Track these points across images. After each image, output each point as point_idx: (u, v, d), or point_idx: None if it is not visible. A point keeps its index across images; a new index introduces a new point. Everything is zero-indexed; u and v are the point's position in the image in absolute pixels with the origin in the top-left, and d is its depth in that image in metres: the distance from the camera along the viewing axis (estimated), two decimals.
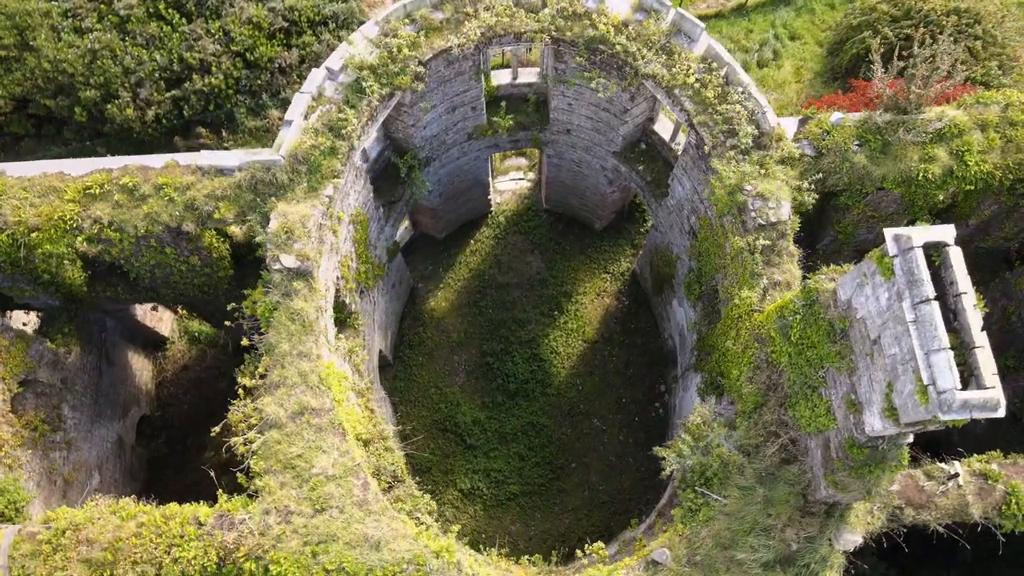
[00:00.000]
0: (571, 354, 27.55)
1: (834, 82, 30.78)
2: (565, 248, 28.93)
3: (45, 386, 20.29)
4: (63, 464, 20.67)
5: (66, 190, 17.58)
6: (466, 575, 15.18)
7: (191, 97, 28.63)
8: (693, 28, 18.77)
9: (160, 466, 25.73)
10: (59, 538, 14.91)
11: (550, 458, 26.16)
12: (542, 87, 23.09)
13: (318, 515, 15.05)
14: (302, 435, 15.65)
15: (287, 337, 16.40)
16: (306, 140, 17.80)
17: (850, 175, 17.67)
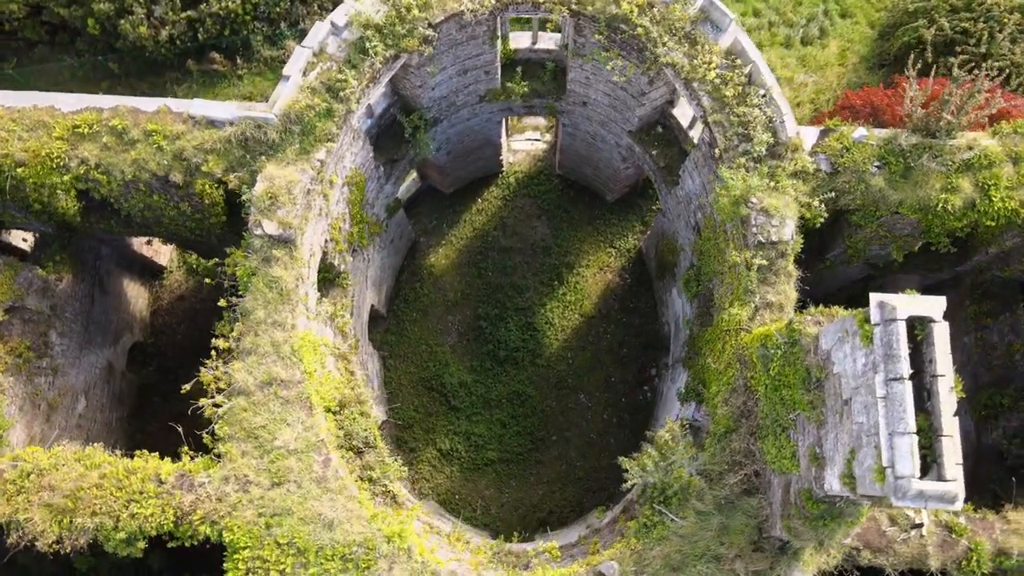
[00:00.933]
0: (566, 327, 27.22)
1: (880, 69, 29.02)
2: (573, 217, 28.19)
3: (33, 313, 20.44)
4: (48, 389, 21.05)
5: (55, 126, 17.20)
6: (415, 562, 15.35)
7: (207, 20, 27.73)
8: (722, 17, 17.52)
9: (149, 392, 26.20)
10: (24, 480, 15.26)
11: (531, 428, 26.22)
12: (561, 55, 21.94)
13: (275, 488, 15.19)
14: (268, 406, 15.65)
15: (263, 304, 16.21)
16: (302, 99, 17.12)
17: (864, 197, 16.71)
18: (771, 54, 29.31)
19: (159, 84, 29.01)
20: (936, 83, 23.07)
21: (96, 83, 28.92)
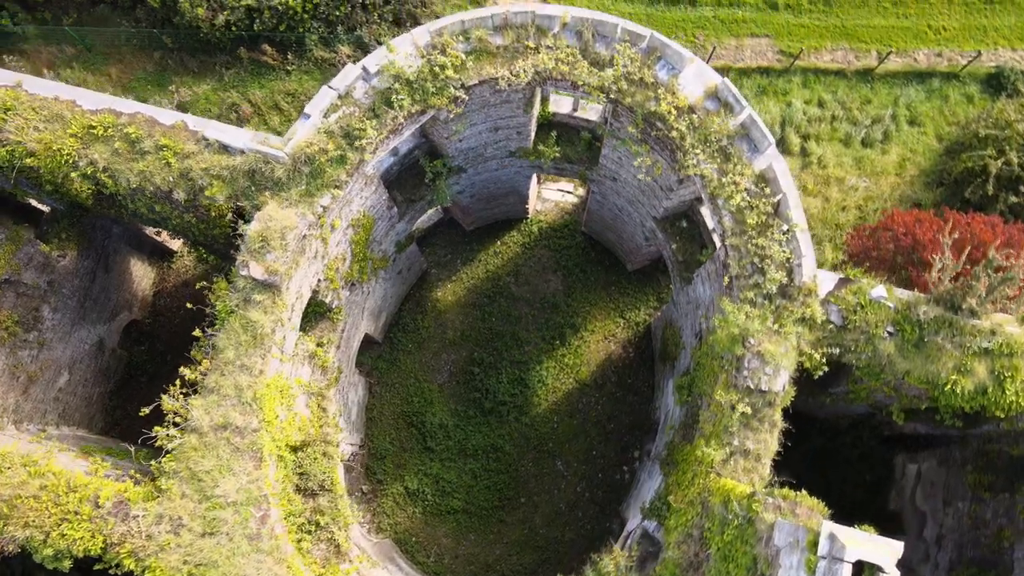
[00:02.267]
0: (558, 389, 26.61)
1: (937, 187, 27.61)
2: (590, 278, 27.48)
3: (28, 288, 20.57)
4: (30, 362, 21.20)
5: (72, 123, 17.11)
6: None
7: (265, 11, 27.55)
8: (761, 139, 16.61)
9: (138, 371, 26.34)
10: None
11: (502, 485, 25.73)
12: (599, 128, 21.21)
13: (206, 537, 14.97)
14: (218, 450, 15.42)
15: (235, 345, 15.95)
16: (317, 141, 16.74)
17: (871, 360, 15.75)
18: (827, 149, 28.11)
19: (209, 65, 28.99)
20: (979, 221, 21.88)
21: (149, 53, 29.03)
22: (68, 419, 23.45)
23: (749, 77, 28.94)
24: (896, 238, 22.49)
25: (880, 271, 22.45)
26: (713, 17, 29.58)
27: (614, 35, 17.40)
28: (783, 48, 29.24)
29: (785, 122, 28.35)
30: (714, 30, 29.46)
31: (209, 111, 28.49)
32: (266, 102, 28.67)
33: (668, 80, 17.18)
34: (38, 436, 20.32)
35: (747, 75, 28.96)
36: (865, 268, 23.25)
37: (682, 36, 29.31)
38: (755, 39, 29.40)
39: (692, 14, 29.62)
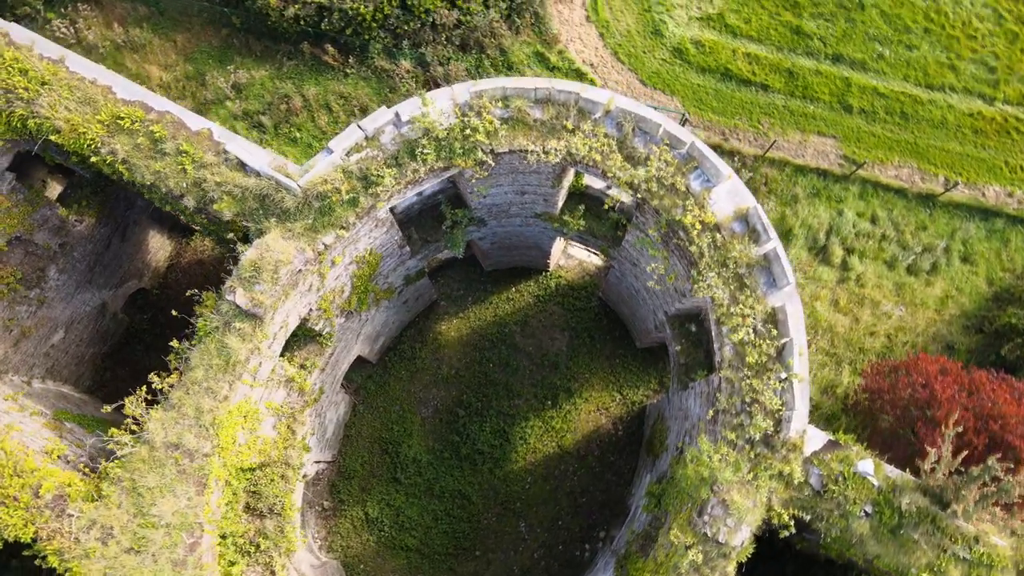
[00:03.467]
0: (539, 450, 26.07)
1: (976, 333, 26.24)
2: (596, 346, 26.84)
3: (39, 248, 20.83)
4: (27, 318, 21.48)
5: (102, 109, 17.17)
6: None
7: (335, 12, 27.47)
8: (782, 275, 15.82)
9: (135, 338, 26.60)
10: None
11: (460, 534, 25.33)
12: (626, 216, 20.57)
13: (132, 553, 14.88)
14: (164, 469, 15.31)
15: (205, 367, 15.82)
16: (333, 180, 16.50)
17: (842, 535, 14.88)
18: (870, 268, 26.95)
19: (272, 51, 29.08)
20: (1005, 390, 20.66)
21: (217, 28, 29.24)
22: (56, 375, 23.76)
23: (805, 176, 27.89)
24: (914, 386, 21.40)
25: (889, 413, 21.43)
26: (783, 106, 28.58)
27: (655, 134, 16.77)
28: (848, 153, 28.10)
29: (832, 231, 27.26)
30: (780, 119, 28.45)
31: (262, 97, 28.59)
32: (318, 99, 28.64)
33: (700, 192, 16.50)
34: (18, 393, 20.59)
35: (804, 173, 27.91)
36: (876, 406, 22.22)
37: (746, 119, 28.39)
38: (821, 138, 28.32)
39: (762, 98, 28.65)
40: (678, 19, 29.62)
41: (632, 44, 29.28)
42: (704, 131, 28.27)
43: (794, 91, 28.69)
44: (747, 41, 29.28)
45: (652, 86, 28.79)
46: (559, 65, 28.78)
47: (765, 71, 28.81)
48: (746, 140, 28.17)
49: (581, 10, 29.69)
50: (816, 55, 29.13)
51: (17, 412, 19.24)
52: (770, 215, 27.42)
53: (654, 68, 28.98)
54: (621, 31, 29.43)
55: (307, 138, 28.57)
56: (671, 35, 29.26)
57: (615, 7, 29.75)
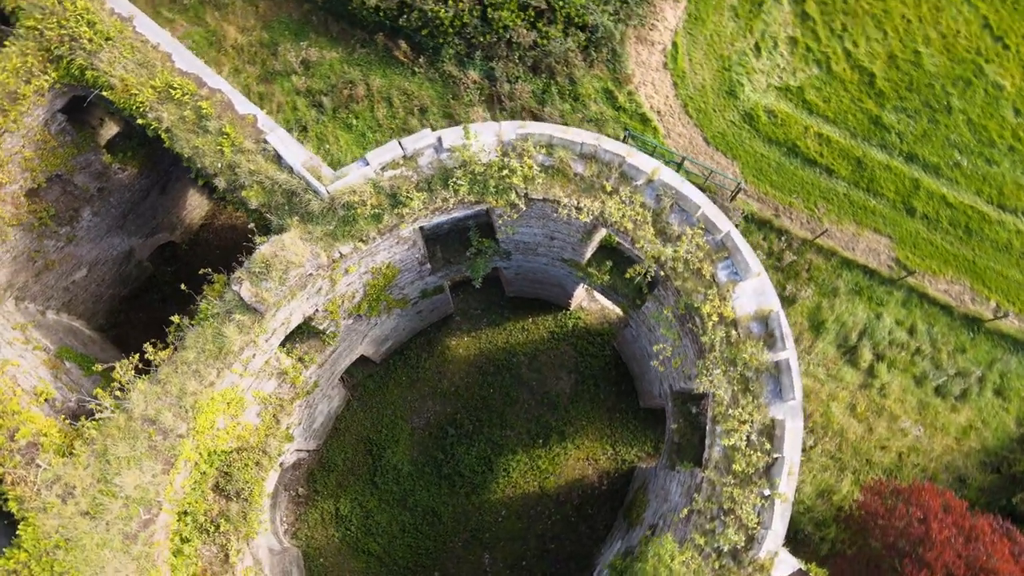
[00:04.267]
0: (519, 486, 25.76)
1: (991, 473, 25.06)
2: (600, 395, 26.38)
3: (77, 188, 21.22)
4: (53, 252, 21.91)
5: (158, 76, 17.35)
6: None
7: (415, 11, 27.43)
8: (790, 388, 15.23)
9: (155, 287, 27.02)
10: None
11: (423, 552, 25.19)
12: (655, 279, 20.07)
13: (86, 517, 15.02)
14: (136, 442, 15.42)
15: (198, 351, 15.88)
16: (361, 192, 16.39)
17: None
18: (896, 380, 25.92)
19: (347, 35, 29.18)
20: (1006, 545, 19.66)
21: (299, 2, 29.46)
22: (71, 309, 24.27)
23: (851, 270, 26.94)
24: (911, 519, 20.50)
25: (879, 541, 20.59)
26: (844, 194, 27.64)
27: (693, 214, 16.28)
28: (900, 256, 27.05)
29: (866, 333, 26.30)
30: (838, 207, 27.52)
31: (328, 78, 28.70)
32: (381, 91, 28.67)
33: (725, 283, 15.96)
34: (28, 323, 21.04)
35: (850, 267, 26.96)
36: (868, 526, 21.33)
37: (803, 200, 27.54)
38: (876, 235, 27.32)
39: (824, 182, 27.75)
40: (756, 84, 28.85)
41: (704, 100, 28.62)
42: (757, 203, 27.50)
43: (859, 181, 27.72)
44: (822, 120, 28.38)
45: (715, 146, 28.11)
46: (625, 106, 28.28)
47: (833, 155, 27.89)
48: (798, 221, 27.31)
49: (660, 56, 29.12)
50: (890, 149, 28.09)
51: (21, 344, 19.67)
52: (806, 303, 26.60)
53: (721, 128, 28.28)
54: (696, 84, 28.78)
55: (363, 127, 28.62)
56: (745, 99, 28.52)
57: (695, 59, 29.11)
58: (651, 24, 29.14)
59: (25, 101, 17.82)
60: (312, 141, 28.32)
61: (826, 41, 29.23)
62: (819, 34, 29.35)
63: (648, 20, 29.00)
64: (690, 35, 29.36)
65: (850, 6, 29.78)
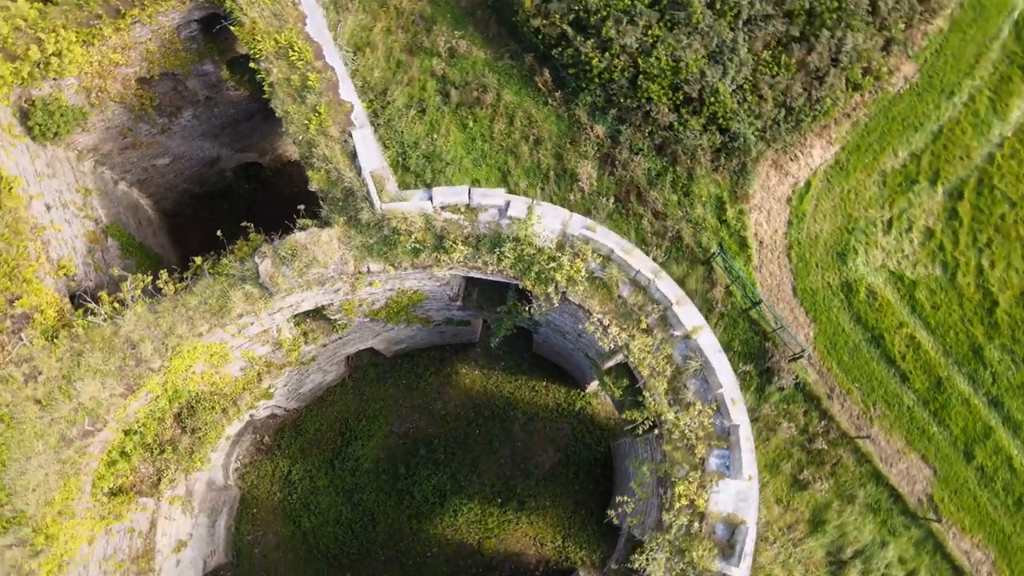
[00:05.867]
0: (460, 533, 25.41)
1: None
2: (575, 486, 25.66)
3: (187, 90, 21.92)
4: (144, 135, 22.76)
5: (284, 31, 17.65)
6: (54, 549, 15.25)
7: (571, 48, 26.88)
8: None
9: (226, 196, 27.81)
10: None
11: (345, 550, 25.29)
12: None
13: (35, 405, 15.44)
14: (110, 357, 15.80)
15: (200, 301, 16.14)
16: (412, 223, 16.20)
17: None
18: None
19: (501, 42, 28.83)
20: None
21: None
22: (143, 187, 25.26)
23: (878, 485, 25.03)
24: None
25: None
26: (908, 407, 25.66)
27: (713, 390, 15.37)
28: (936, 496, 24.98)
29: (863, 554, 24.45)
30: (895, 417, 25.59)
31: (466, 73, 28.53)
32: (508, 107, 28.32)
33: (712, 472, 15.04)
34: (93, 192, 21.93)
35: (878, 482, 25.06)
36: None
37: (862, 393, 25.73)
38: (921, 462, 25.30)
39: (893, 385, 25.82)
40: (871, 258, 27.04)
41: (811, 250, 27.06)
42: (815, 375, 25.86)
43: (929, 402, 25.68)
44: (920, 324, 26.39)
45: (800, 300, 26.57)
46: (731, 222, 27.02)
47: (916, 363, 25.91)
48: (848, 412, 25.57)
49: (788, 188, 27.66)
50: (978, 385, 25.88)
51: (75, 209, 20.52)
52: (816, 496, 24.92)
53: (814, 286, 26.69)
54: (810, 232, 27.23)
55: (476, 132, 28.34)
56: (853, 268, 26.79)
57: (821, 207, 27.51)
58: (794, 154, 27.66)
59: (166, 3, 18.40)
60: (425, 125, 28.22)
61: (963, 248, 27.06)
62: (959, 238, 27.20)
63: (792, 149, 27.54)
64: (828, 181, 27.73)
65: (1006, 225, 27.42)
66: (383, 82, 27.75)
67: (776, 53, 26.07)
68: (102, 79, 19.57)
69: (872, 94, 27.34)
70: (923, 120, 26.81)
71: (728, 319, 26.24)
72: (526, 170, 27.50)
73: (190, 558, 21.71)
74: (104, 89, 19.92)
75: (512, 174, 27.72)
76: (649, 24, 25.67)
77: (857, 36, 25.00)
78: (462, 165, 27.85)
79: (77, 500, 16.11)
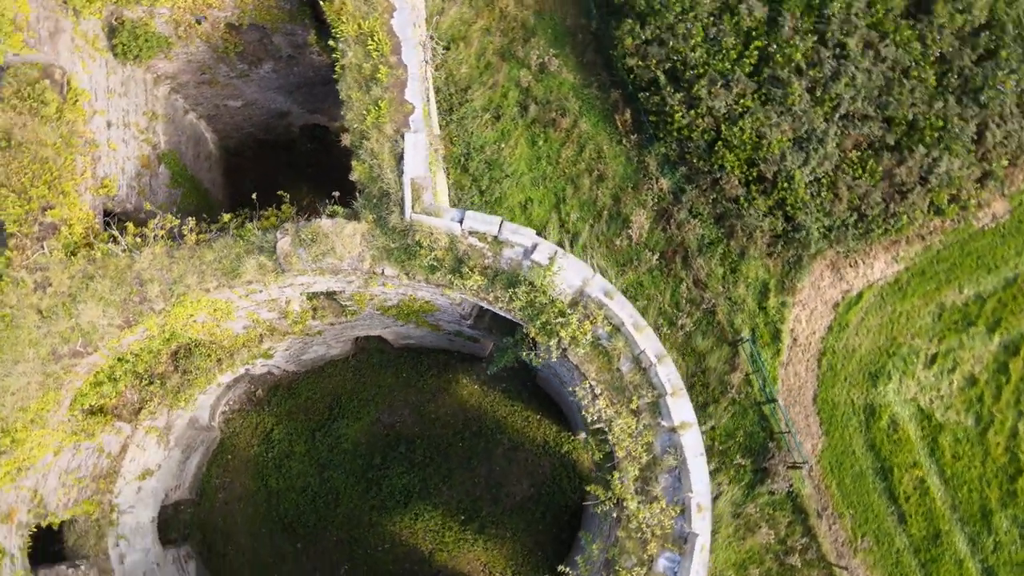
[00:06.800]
0: (415, 537, 25.43)
1: None
2: (539, 525, 25.38)
3: (271, 44, 22.22)
4: (222, 76, 23.19)
5: (368, 19, 17.49)
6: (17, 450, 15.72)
7: (657, 96, 26.30)
8: None
9: (289, 149, 28.19)
10: None
11: (302, 520, 25.62)
12: None
13: (37, 315, 15.84)
14: (117, 289, 16.08)
15: (216, 257, 16.29)
16: (435, 238, 16.05)
17: None
18: None
19: (593, 71, 28.32)
20: None
21: (578, 11, 28.95)
22: (210, 122, 25.84)
23: None
24: None
25: None
26: (898, 550, 24.59)
27: (682, 492, 14.86)
28: None
29: None
30: (881, 556, 24.54)
31: (549, 92, 28.14)
32: (581, 136, 27.89)
33: (659, 572, 14.56)
34: (159, 118, 22.45)
35: None
36: None
37: (854, 520, 24.70)
38: None
39: (888, 523, 24.76)
40: (904, 388, 25.85)
41: (843, 362, 26.01)
42: (811, 488, 24.91)
43: (922, 551, 24.50)
44: (935, 470, 25.15)
45: (817, 409, 25.60)
46: (770, 311, 26.14)
47: (919, 508, 24.73)
48: (834, 535, 24.59)
49: (838, 293, 26.62)
50: (977, 550, 24.56)
51: (136, 131, 21.03)
52: None
53: (836, 399, 25.66)
54: (849, 344, 26.17)
55: (543, 152, 28.01)
56: (882, 392, 25.67)
57: (867, 322, 26.38)
58: (854, 261, 26.59)
59: None
60: (496, 132, 28.02)
61: (1003, 406, 25.61)
62: (1003, 394, 25.74)
63: (854, 256, 26.48)
64: (882, 298, 26.57)
65: None
66: (467, 80, 27.66)
67: (864, 156, 25.06)
68: (193, 16, 19.97)
69: (954, 222, 26.09)
70: (1000, 263, 25.47)
71: (739, 407, 25.50)
72: (581, 203, 27.18)
73: (152, 488, 22.19)
74: (192, 26, 20.33)
75: (566, 203, 27.44)
76: (743, 93, 24.95)
77: (954, 161, 23.82)
78: (520, 181, 27.64)
79: (53, 412, 16.54)
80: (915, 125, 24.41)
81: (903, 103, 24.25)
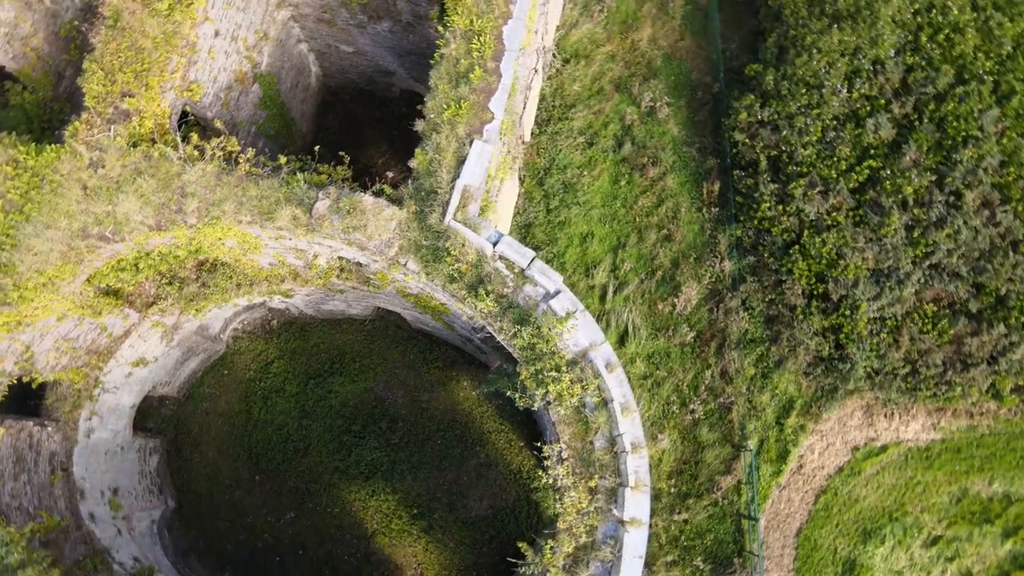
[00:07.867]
0: (365, 510, 25.58)
1: None
2: (484, 551, 25.16)
3: (394, 7, 22.41)
4: (340, 21, 23.51)
5: (483, 18, 17.40)
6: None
7: (748, 179, 25.38)
8: None
9: (384, 106, 28.52)
10: None
11: (271, 455, 26.07)
12: None
13: (83, 191, 16.39)
14: (160, 193, 16.46)
15: (259, 195, 16.45)
16: (464, 251, 15.90)
17: None
18: None
19: (701, 131, 27.57)
20: None
21: (710, 66, 28.15)
22: (319, 59, 26.26)
23: None
24: None
25: None
26: None
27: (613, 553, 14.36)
28: None
29: None
30: None
31: (649, 138, 27.50)
32: (666, 191, 27.19)
33: None
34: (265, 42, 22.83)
35: None
36: None
37: None
38: None
39: None
40: (895, 558, 24.30)
41: (841, 507, 24.72)
42: None
43: None
44: None
45: (797, 544, 24.41)
46: (786, 429, 24.96)
47: None
48: None
49: (863, 438, 25.25)
50: None
51: (243, 46, 21.44)
52: None
53: (820, 541, 24.43)
54: (853, 491, 24.85)
55: (620, 193, 27.29)
56: (869, 553, 24.27)
57: (882, 477, 24.88)
58: (891, 412, 25.00)
59: None
60: (583, 158, 27.58)
61: None
62: None
63: (892, 407, 24.96)
64: (905, 459, 24.87)
65: None
66: (574, 98, 27.35)
67: (940, 313, 23.66)
68: None
69: (1009, 412, 24.44)
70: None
71: (719, 510, 24.70)
72: (640, 255, 26.66)
73: (142, 377, 22.91)
74: None
75: (626, 249, 26.94)
76: (838, 206, 23.88)
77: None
78: (590, 213, 27.25)
79: (67, 283, 17.18)
80: (1004, 301, 22.85)
81: (1000, 275, 22.74)
